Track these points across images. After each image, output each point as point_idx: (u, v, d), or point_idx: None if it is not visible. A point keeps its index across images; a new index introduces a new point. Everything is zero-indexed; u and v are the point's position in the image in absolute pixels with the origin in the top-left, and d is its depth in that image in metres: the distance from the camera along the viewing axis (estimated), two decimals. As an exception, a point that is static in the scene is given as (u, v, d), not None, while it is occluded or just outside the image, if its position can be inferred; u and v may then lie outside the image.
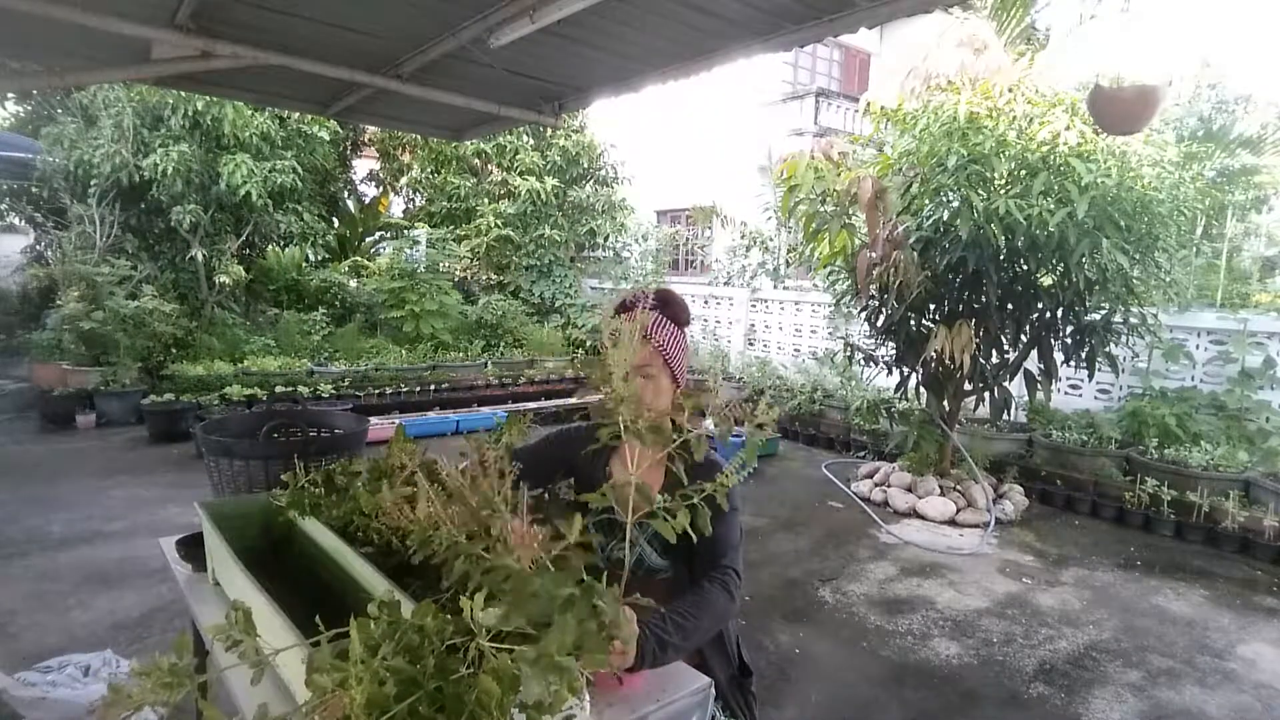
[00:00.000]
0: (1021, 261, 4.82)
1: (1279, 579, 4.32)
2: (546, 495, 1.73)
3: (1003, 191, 4.52)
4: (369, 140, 11.77)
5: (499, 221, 11.07)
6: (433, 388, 8.51)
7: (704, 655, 1.49)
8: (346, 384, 8.17)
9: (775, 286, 9.96)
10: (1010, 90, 4.71)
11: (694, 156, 12.90)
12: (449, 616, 0.97)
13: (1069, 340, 4.93)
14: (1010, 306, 4.97)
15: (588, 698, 1.10)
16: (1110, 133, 4.18)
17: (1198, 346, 6.04)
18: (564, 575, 0.98)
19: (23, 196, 9.04)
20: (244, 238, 9.13)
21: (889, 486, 5.53)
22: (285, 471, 1.72)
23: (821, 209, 5.11)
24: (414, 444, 1.60)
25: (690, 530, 1.46)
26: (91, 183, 8.01)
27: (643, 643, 1.18)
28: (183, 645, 0.93)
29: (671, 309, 1.56)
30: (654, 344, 1.49)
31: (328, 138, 9.80)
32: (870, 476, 5.82)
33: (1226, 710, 2.95)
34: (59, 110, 8.62)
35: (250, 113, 8.44)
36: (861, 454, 6.78)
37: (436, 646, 0.93)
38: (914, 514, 5.23)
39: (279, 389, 7.50)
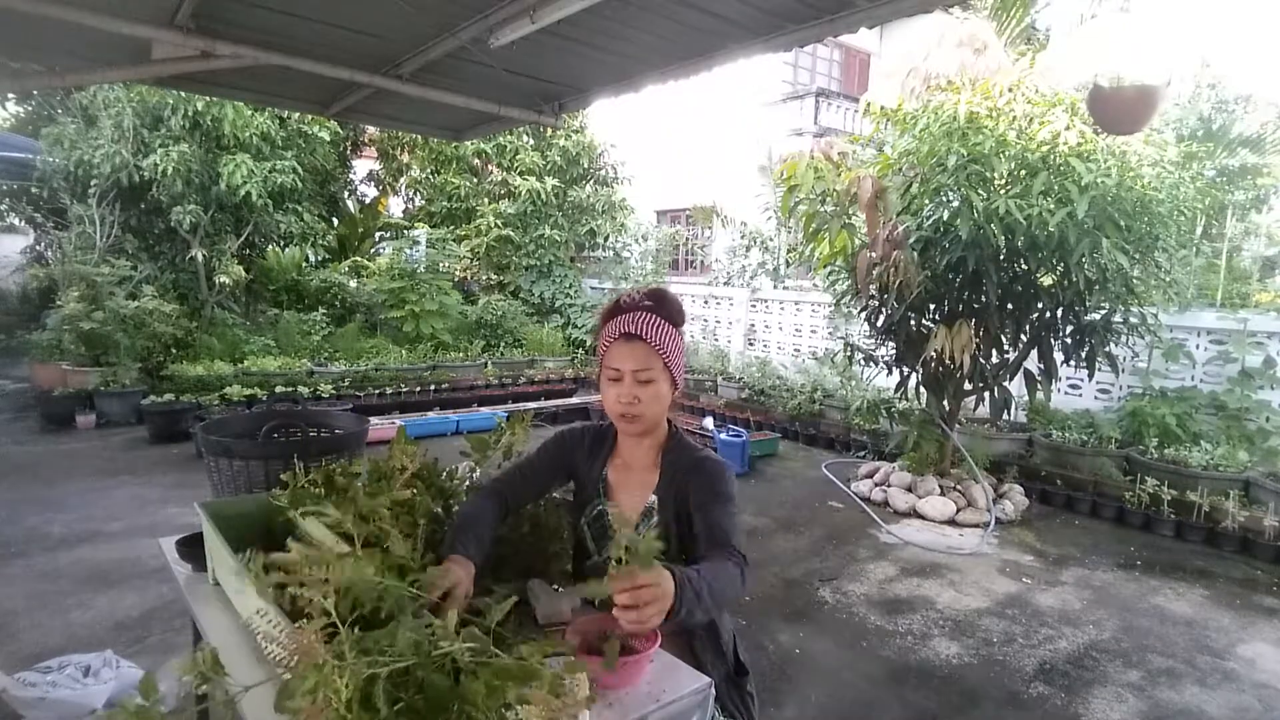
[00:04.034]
0: (1021, 261, 4.82)
1: (1279, 579, 4.32)
2: (543, 502, 1.73)
3: (1003, 191, 4.51)
4: (369, 140, 11.77)
5: (499, 221, 11.07)
6: (433, 388, 8.50)
7: (696, 653, 1.47)
8: (346, 384, 8.17)
9: (775, 286, 9.95)
10: (1010, 90, 4.70)
11: (694, 156, 12.89)
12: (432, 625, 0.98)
13: (1069, 340, 4.93)
14: (1010, 306, 4.96)
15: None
16: (1110, 133, 4.17)
17: (1198, 346, 6.04)
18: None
19: (23, 196, 9.05)
20: (244, 238, 9.13)
21: (889, 486, 5.53)
22: (285, 471, 1.72)
23: (821, 209, 5.11)
24: (415, 445, 1.60)
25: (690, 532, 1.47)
26: (91, 183, 8.00)
27: (681, 589, 1.15)
28: (149, 686, 0.93)
29: (666, 309, 1.51)
30: (652, 345, 1.44)
31: (328, 138, 9.80)
32: (870, 476, 5.82)
33: (1226, 710, 2.94)
34: (59, 110, 8.62)
35: (250, 113, 8.44)
36: (861, 454, 6.77)
37: (421, 655, 0.94)
38: (914, 514, 5.23)
39: (279, 389, 7.50)
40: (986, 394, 5.14)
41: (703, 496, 1.43)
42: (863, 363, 5.87)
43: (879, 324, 5.26)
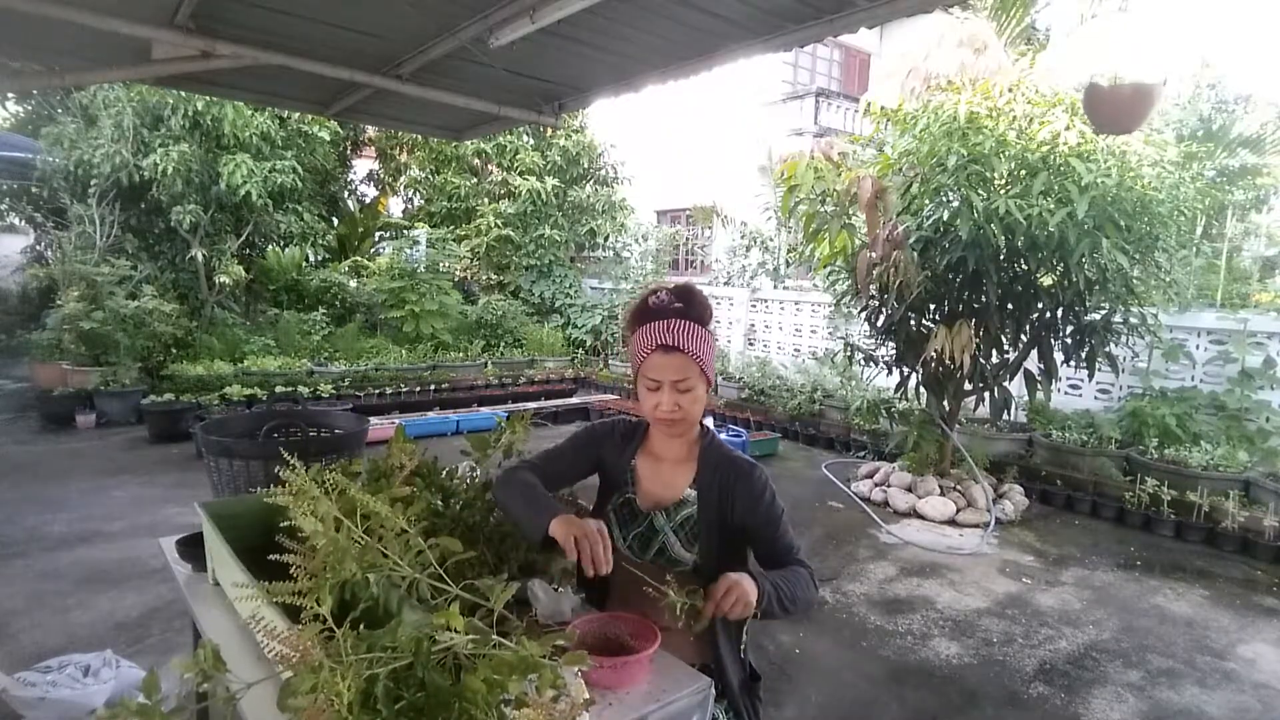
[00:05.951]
0: (1021, 261, 4.82)
1: (1279, 579, 4.32)
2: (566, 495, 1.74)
3: (1003, 191, 4.52)
4: (369, 140, 11.77)
5: (499, 221, 11.07)
6: (433, 388, 8.51)
7: (721, 660, 1.49)
8: (346, 384, 8.17)
9: (775, 286, 9.95)
10: (1010, 90, 4.71)
11: (694, 156, 12.89)
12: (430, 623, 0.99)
13: (1069, 340, 4.93)
14: (1010, 306, 4.97)
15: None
16: (1106, 132, 4.16)
17: (1198, 346, 6.04)
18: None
19: (23, 196, 9.04)
20: (244, 238, 9.13)
21: (889, 486, 5.53)
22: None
23: (821, 209, 5.11)
24: (414, 444, 1.60)
25: (728, 526, 1.49)
26: (91, 183, 8.00)
27: (761, 584, 1.31)
28: (152, 684, 0.93)
29: (696, 309, 1.50)
30: (689, 354, 1.45)
31: (328, 138, 9.80)
32: (870, 476, 5.82)
33: (1226, 710, 2.95)
34: (59, 110, 8.62)
35: (250, 113, 8.44)
36: (861, 454, 6.77)
37: (421, 654, 0.94)
38: (914, 514, 5.23)
39: (279, 389, 7.50)
40: (986, 394, 5.13)
41: (760, 520, 1.50)
42: (863, 363, 5.87)
43: (879, 324, 5.26)
